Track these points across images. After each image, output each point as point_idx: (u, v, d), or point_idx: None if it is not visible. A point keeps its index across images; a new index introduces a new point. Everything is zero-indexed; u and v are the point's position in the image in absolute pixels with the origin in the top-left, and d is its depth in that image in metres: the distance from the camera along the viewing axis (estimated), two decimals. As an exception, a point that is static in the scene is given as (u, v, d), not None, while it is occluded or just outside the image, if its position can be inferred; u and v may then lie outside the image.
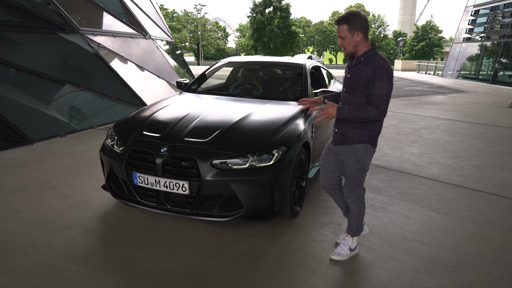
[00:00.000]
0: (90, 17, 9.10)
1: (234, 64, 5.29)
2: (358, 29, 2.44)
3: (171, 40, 12.58)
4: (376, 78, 2.41)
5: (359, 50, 2.51)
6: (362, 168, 2.66)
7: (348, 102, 2.60)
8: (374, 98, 2.43)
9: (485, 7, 26.31)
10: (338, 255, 2.81)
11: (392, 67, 2.73)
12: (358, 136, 2.58)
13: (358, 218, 2.81)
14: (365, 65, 2.46)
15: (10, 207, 3.55)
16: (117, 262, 2.72)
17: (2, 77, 6.19)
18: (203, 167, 2.90)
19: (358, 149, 2.60)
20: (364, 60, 2.48)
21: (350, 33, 2.45)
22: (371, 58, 2.47)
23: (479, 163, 5.40)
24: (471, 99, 13.89)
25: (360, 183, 2.72)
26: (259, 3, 48.67)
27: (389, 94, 2.44)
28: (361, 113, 2.46)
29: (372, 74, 2.42)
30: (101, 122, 7.10)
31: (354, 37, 2.46)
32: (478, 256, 2.93)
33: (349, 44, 2.49)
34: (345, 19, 2.44)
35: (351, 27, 2.43)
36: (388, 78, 2.42)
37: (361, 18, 2.45)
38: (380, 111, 2.44)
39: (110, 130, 3.54)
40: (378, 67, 2.42)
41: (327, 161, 2.86)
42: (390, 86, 2.44)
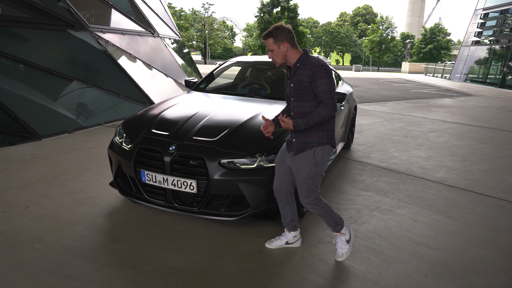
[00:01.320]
0: (99, 15, 9.15)
1: (242, 64, 5.30)
2: (283, 40, 2.54)
3: (179, 38, 12.61)
4: (315, 76, 2.49)
5: (290, 59, 2.59)
6: (320, 172, 2.66)
7: (299, 110, 2.62)
8: (320, 96, 2.52)
9: (495, 10, 26.08)
10: (342, 255, 2.81)
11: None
12: (317, 139, 2.61)
13: (329, 216, 2.77)
14: (303, 69, 2.55)
15: (18, 202, 3.58)
16: (124, 259, 2.74)
17: (12, 73, 6.24)
18: (211, 166, 2.90)
19: (317, 152, 2.62)
20: (301, 65, 2.57)
21: (276, 45, 2.56)
22: (306, 61, 2.57)
23: (486, 168, 5.36)
24: (479, 102, 13.79)
25: (316, 189, 2.69)
26: (267, 3, 48.66)
27: (333, 89, 2.53)
28: (315, 118, 2.51)
29: (311, 74, 2.51)
30: (108, 119, 7.14)
31: (281, 48, 2.56)
32: (486, 261, 2.91)
33: (277, 55, 2.58)
34: (270, 33, 2.56)
35: (276, 39, 2.54)
36: (327, 74, 2.51)
37: (285, 29, 2.56)
38: (329, 107, 2.51)
39: (119, 128, 3.55)
40: (314, 66, 2.52)
41: (282, 164, 2.79)
42: (331, 81, 2.52)
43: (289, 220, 2.93)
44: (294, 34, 2.63)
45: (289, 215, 2.91)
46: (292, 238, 2.97)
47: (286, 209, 2.90)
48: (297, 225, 2.98)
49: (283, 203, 2.88)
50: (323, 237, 3.16)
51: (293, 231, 2.96)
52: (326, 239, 3.13)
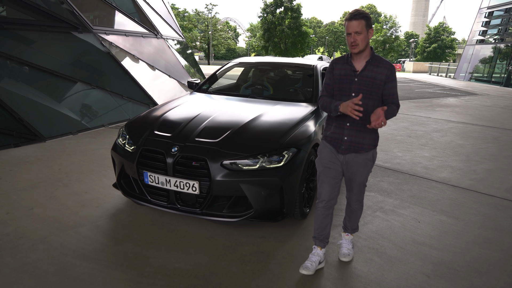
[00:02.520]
0: (103, 16, 9.20)
1: (245, 65, 5.30)
2: (371, 26, 2.41)
3: (182, 39, 12.64)
4: (391, 77, 2.43)
5: (366, 51, 2.45)
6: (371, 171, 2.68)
7: (364, 107, 2.39)
8: (393, 97, 2.46)
9: (499, 9, 25.91)
10: (348, 256, 2.82)
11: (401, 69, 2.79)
12: (373, 141, 2.57)
13: (361, 214, 2.86)
14: (377, 66, 2.43)
15: (23, 204, 3.61)
16: (127, 260, 2.75)
17: (16, 75, 6.28)
18: (213, 167, 2.91)
19: (374, 154, 2.62)
20: (372, 61, 2.44)
21: (366, 29, 2.38)
22: (378, 58, 2.46)
23: (491, 167, 5.34)
24: (484, 102, 13.71)
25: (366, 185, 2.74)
26: (270, 4, 48.65)
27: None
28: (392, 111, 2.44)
29: (388, 74, 2.42)
30: (112, 120, 7.17)
31: (369, 33, 2.40)
32: (489, 262, 2.89)
33: (363, 40, 2.38)
34: (363, 14, 2.37)
35: (368, 23, 2.38)
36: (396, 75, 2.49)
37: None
38: (398, 108, 2.50)
39: (122, 129, 3.57)
40: (391, 66, 2.44)
41: (332, 170, 2.59)
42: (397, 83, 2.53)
43: (327, 233, 2.71)
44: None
45: (329, 227, 2.71)
46: (323, 256, 2.74)
47: (328, 220, 2.68)
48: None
49: (327, 213, 2.66)
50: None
51: (323, 248, 2.74)
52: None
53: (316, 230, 2.71)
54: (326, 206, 2.63)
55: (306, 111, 3.77)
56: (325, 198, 2.62)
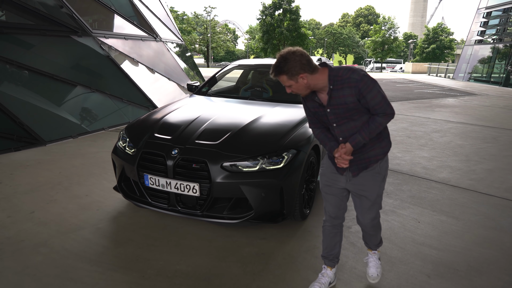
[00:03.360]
0: (102, 20, 9.22)
1: (244, 67, 5.33)
2: (299, 72, 2.05)
3: (181, 42, 12.67)
4: (364, 91, 2.09)
5: (318, 85, 2.14)
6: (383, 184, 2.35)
7: (350, 132, 2.21)
8: (376, 108, 2.13)
9: (498, 9, 25.97)
10: (377, 276, 2.60)
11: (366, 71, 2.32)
12: (381, 149, 2.27)
13: (380, 231, 2.58)
14: (341, 89, 2.11)
15: (24, 207, 3.62)
16: (128, 263, 2.76)
17: (16, 79, 6.30)
18: (213, 169, 2.93)
19: (382, 164, 2.30)
20: (335, 86, 2.12)
21: (293, 80, 2.09)
22: (339, 79, 2.11)
23: (490, 167, 5.35)
24: (483, 102, 13.74)
25: (380, 202, 2.40)
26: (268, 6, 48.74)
27: (384, 95, 2.15)
28: (376, 130, 2.16)
29: (357, 91, 2.09)
30: (112, 123, 7.19)
31: (299, 81, 2.09)
32: (489, 261, 2.90)
33: (299, 89, 2.14)
34: (280, 69, 2.07)
35: (290, 74, 2.06)
36: (372, 82, 2.11)
37: (296, 57, 2.05)
38: (389, 114, 2.15)
39: (122, 132, 3.59)
40: (357, 80, 2.08)
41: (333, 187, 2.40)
42: (378, 87, 2.13)
43: (337, 252, 2.55)
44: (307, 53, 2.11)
45: (338, 245, 2.55)
46: (333, 276, 2.57)
47: (337, 238, 2.52)
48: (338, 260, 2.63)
49: (335, 231, 2.51)
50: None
51: (333, 268, 2.58)
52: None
53: (325, 250, 2.55)
54: (332, 224, 2.49)
55: (306, 112, 3.78)
56: (330, 215, 2.47)
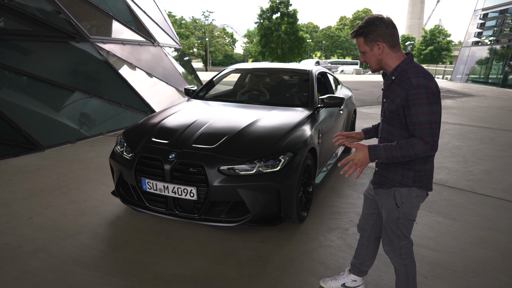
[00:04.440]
0: (100, 25, 9.25)
1: (241, 71, 5.35)
2: (377, 39, 1.92)
3: (179, 47, 12.71)
4: (410, 101, 1.84)
5: (386, 66, 1.97)
6: (404, 216, 2.06)
7: (387, 135, 2.04)
8: (415, 128, 1.84)
9: (494, 11, 26.12)
10: None
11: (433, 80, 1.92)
12: (400, 177, 2.01)
13: (407, 279, 2.19)
14: (398, 85, 1.91)
15: (22, 213, 3.63)
16: (126, 267, 2.77)
17: (14, 85, 6.32)
18: (210, 173, 2.94)
19: (399, 193, 2.03)
20: (397, 79, 1.93)
21: (368, 46, 1.95)
22: (404, 74, 1.90)
23: (487, 168, 5.37)
24: (480, 103, 13.78)
25: (402, 235, 2.11)
26: (266, 9, 48.89)
27: (434, 120, 1.82)
28: (404, 150, 1.85)
29: (405, 97, 1.85)
30: (110, 128, 7.20)
31: (374, 50, 1.95)
32: (486, 262, 2.92)
33: (370, 59, 1.98)
34: (360, 29, 1.95)
35: (369, 39, 1.93)
36: (428, 98, 1.81)
37: (382, 24, 1.90)
38: (429, 145, 1.83)
39: (120, 137, 3.60)
40: (411, 86, 1.84)
41: (368, 198, 2.33)
42: (434, 109, 1.81)
43: (359, 262, 2.48)
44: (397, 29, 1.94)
45: (361, 257, 2.46)
46: (350, 282, 2.52)
47: (362, 250, 2.45)
48: (364, 272, 2.51)
49: (362, 242, 2.44)
50: (324, 241, 3.18)
51: (354, 275, 2.53)
52: (326, 243, 3.15)
53: (354, 255, 2.54)
54: (361, 235, 2.45)
55: (302, 115, 3.80)
56: (358, 223, 2.47)
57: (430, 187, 2.05)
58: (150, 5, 11.72)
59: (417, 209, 2.09)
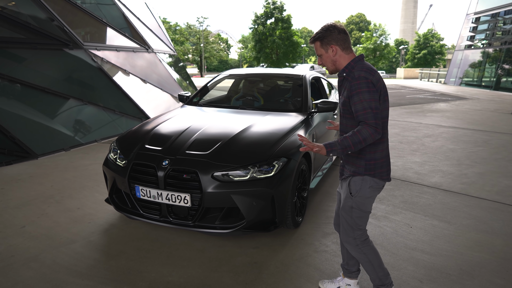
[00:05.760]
0: (94, 32, 9.25)
1: (235, 76, 5.35)
2: (331, 42, 2.18)
3: (174, 53, 12.72)
4: (353, 91, 2.08)
5: (340, 66, 2.22)
6: (357, 206, 2.22)
7: (343, 127, 2.26)
8: (359, 114, 2.06)
9: (486, 14, 26.38)
10: None
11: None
12: (354, 167, 2.22)
13: (373, 267, 2.30)
14: (346, 80, 2.18)
15: (14, 222, 3.59)
16: (120, 275, 2.74)
17: (8, 93, 6.28)
18: (204, 179, 2.93)
19: (353, 181, 2.22)
20: (347, 75, 2.19)
21: (323, 49, 2.22)
22: (352, 70, 2.16)
23: (482, 171, 5.39)
24: (474, 106, 13.87)
25: (355, 226, 2.25)
26: (260, 15, 49.08)
27: (374, 106, 2.04)
28: (353, 137, 2.03)
29: (349, 87, 2.12)
30: (105, 135, 7.17)
31: (329, 52, 2.21)
32: (481, 265, 2.92)
33: (326, 61, 2.25)
34: (316, 35, 2.22)
35: (324, 42, 2.20)
36: (368, 87, 2.06)
37: (335, 30, 2.18)
38: (373, 127, 2.02)
39: (113, 144, 3.58)
40: (353, 78, 2.11)
41: (339, 194, 2.48)
42: (373, 96, 2.05)
43: (345, 263, 2.54)
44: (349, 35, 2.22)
45: (345, 257, 2.52)
46: (345, 286, 2.55)
47: (343, 249, 2.52)
48: (355, 274, 2.54)
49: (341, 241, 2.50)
50: (319, 247, 3.17)
51: (348, 278, 2.54)
52: (322, 248, 3.14)
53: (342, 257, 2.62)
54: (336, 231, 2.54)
55: (296, 120, 3.81)
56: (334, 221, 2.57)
57: (384, 177, 2.23)
58: (144, 12, 11.74)
59: (372, 200, 2.25)
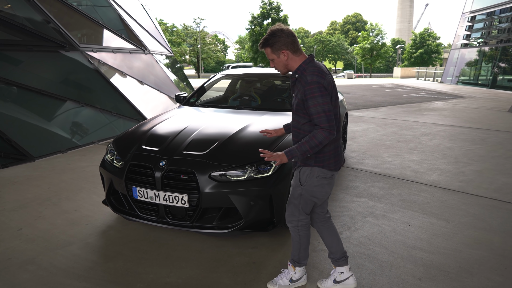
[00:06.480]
0: (90, 34, 9.22)
1: (232, 77, 5.35)
2: (282, 48, 2.27)
3: (171, 54, 12.70)
4: (307, 95, 2.21)
5: (292, 68, 2.33)
6: (306, 193, 2.38)
7: (295, 124, 2.40)
8: (314, 118, 2.22)
9: (482, 13, 26.48)
10: (275, 285, 2.57)
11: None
12: (304, 158, 2.36)
13: (299, 247, 2.53)
14: (299, 82, 2.29)
15: (11, 225, 3.57)
16: (118, 277, 2.72)
17: (4, 96, 6.26)
18: (201, 179, 2.92)
19: (303, 172, 2.38)
20: (299, 77, 2.30)
21: (275, 54, 2.30)
22: (304, 73, 2.27)
23: (479, 168, 5.40)
24: (471, 104, 13.91)
25: (302, 210, 2.42)
26: (257, 16, 49.14)
27: (327, 109, 2.20)
28: (310, 142, 2.20)
29: (303, 91, 2.23)
30: (102, 137, 7.14)
31: (280, 57, 2.29)
32: (480, 262, 2.91)
33: (278, 65, 2.34)
34: (266, 41, 2.29)
35: (274, 48, 2.28)
36: (320, 91, 2.19)
37: (283, 34, 2.26)
38: (327, 130, 2.19)
39: (110, 145, 3.57)
40: (306, 82, 2.22)
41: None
42: (326, 100, 2.20)
43: (328, 251, 2.62)
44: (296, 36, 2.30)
45: (327, 245, 2.60)
46: (339, 275, 2.57)
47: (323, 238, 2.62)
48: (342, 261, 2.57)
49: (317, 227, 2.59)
50: (317, 246, 3.16)
51: (338, 267, 2.58)
52: (320, 247, 3.13)
53: None
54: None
55: (293, 120, 3.80)
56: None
57: (332, 168, 2.38)
58: (141, 13, 11.72)
59: (320, 188, 2.38)
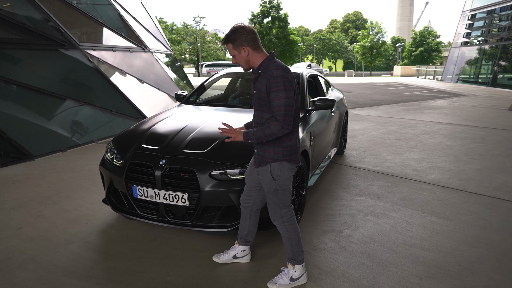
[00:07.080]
0: (90, 33, 9.20)
1: (232, 75, 5.33)
2: (242, 44, 2.37)
3: (171, 52, 12.68)
4: (271, 88, 2.30)
5: (254, 64, 2.42)
6: (281, 187, 2.49)
7: (258, 120, 2.48)
8: (274, 110, 2.32)
9: (482, 11, 26.43)
10: (275, 284, 2.58)
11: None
12: (272, 154, 2.44)
13: (291, 243, 2.58)
14: (263, 77, 2.37)
15: (11, 224, 3.57)
16: (118, 276, 2.72)
17: (4, 94, 6.24)
18: (201, 178, 2.91)
19: (273, 167, 2.46)
20: (262, 72, 2.39)
21: (236, 50, 2.39)
22: (267, 68, 2.37)
23: (479, 167, 5.39)
24: (471, 102, 13.90)
25: (282, 204, 2.53)
26: (257, 14, 49.09)
27: (288, 104, 2.30)
28: (265, 131, 2.33)
29: (267, 85, 2.32)
30: (102, 136, 7.13)
31: (241, 53, 2.39)
32: (480, 260, 2.91)
33: (240, 61, 2.43)
34: (228, 37, 2.40)
35: (236, 44, 2.38)
36: (285, 86, 2.29)
37: (244, 31, 2.37)
38: (280, 124, 2.30)
39: (110, 144, 3.56)
40: (271, 76, 2.31)
41: (250, 177, 2.69)
42: (289, 95, 2.30)
43: (245, 234, 2.84)
44: (257, 34, 2.42)
45: (247, 229, 2.83)
46: (240, 252, 2.87)
47: (246, 223, 2.81)
48: (250, 241, 2.88)
49: (245, 216, 2.80)
50: (318, 244, 3.16)
51: (243, 245, 2.88)
52: (320, 246, 3.13)
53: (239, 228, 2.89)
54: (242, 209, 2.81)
55: (293, 118, 3.79)
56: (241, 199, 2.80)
57: (297, 161, 2.52)
58: (141, 12, 11.69)
59: (291, 180, 2.53)
